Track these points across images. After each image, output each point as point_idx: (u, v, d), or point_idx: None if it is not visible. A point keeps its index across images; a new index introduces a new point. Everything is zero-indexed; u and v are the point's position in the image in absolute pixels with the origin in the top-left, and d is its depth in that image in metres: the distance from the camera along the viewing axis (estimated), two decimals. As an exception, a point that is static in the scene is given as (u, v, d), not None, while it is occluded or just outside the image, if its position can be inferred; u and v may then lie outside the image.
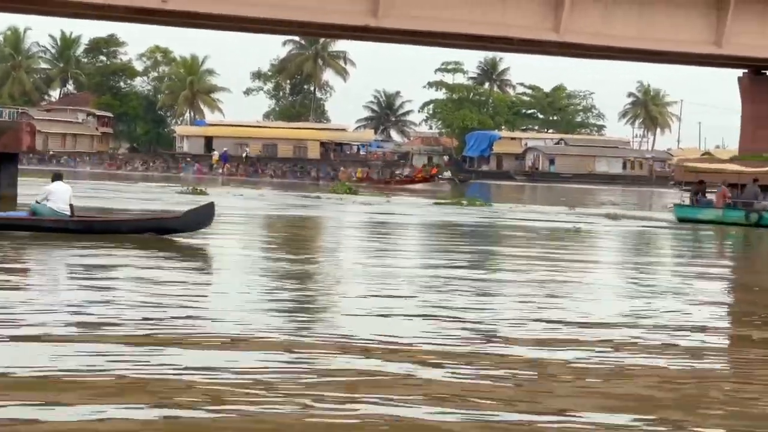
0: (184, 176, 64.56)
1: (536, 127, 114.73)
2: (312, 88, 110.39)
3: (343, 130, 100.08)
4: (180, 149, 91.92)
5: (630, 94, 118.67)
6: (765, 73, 44.44)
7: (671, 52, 40.62)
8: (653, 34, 38.44)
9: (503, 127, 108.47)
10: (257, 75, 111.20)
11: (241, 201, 35.30)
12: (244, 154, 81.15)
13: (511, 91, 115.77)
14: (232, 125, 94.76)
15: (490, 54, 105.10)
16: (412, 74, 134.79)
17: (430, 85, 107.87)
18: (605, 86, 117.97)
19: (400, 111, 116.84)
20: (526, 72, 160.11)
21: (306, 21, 37.06)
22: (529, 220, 30.03)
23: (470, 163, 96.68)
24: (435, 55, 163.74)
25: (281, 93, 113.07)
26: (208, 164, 73.24)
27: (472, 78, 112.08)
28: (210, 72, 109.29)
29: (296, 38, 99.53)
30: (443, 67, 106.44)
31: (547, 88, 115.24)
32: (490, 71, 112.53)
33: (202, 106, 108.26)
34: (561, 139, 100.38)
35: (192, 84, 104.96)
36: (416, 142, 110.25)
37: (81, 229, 17.47)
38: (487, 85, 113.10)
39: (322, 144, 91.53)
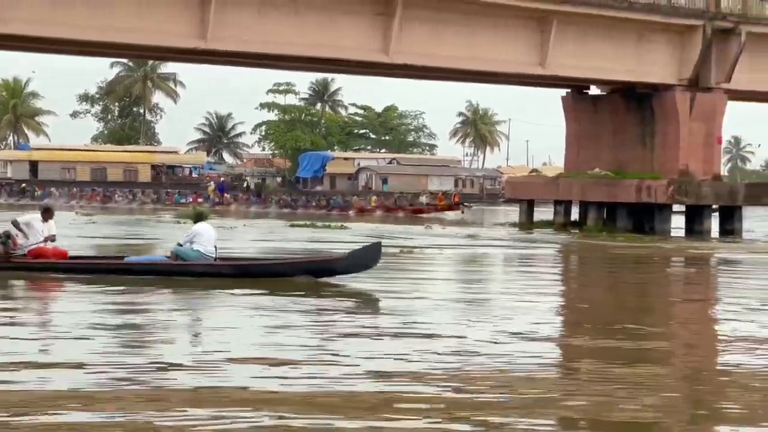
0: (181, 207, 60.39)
1: (369, 147, 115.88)
2: (141, 111, 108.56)
3: (175, 152, 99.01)
4: (3, 174, 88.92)
5: (460, 114, 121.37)
6: (586, 92, 46.05)
7: (498, 73, 41.49)
8: (481, 54, 39.15)
9: (336, 147, 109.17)
10: (84, 97, 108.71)
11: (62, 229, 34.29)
12: (245, 184, 78.38)
13: (343, 112, 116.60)
14: (58, 149, 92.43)
15: (321, 75, 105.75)
16: (244, 96, 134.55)
17: (262, 106, 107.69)
18: (436, 106, 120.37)
19: (233, 133, 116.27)
20: (359, 92, 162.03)
21: (134, 44, 36.19)
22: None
23: (303, 184, 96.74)
24: (268, 76, 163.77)
25: (110, 116, 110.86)
26: (205, 195, 69.84)
27: (304, 99, 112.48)
28: (34, 95, 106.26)
29: (124, 60, 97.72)
30: (275, 88, 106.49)
31: (379, 109, 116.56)
32: (321, 92, 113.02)
33: (26, 130, 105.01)
34: (393, 159, 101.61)
35: (15, 107, 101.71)
36: (249, 164, 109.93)
37: (236, 274, 16.04)
38: (319, 105, 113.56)
39: (153, 167, 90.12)
